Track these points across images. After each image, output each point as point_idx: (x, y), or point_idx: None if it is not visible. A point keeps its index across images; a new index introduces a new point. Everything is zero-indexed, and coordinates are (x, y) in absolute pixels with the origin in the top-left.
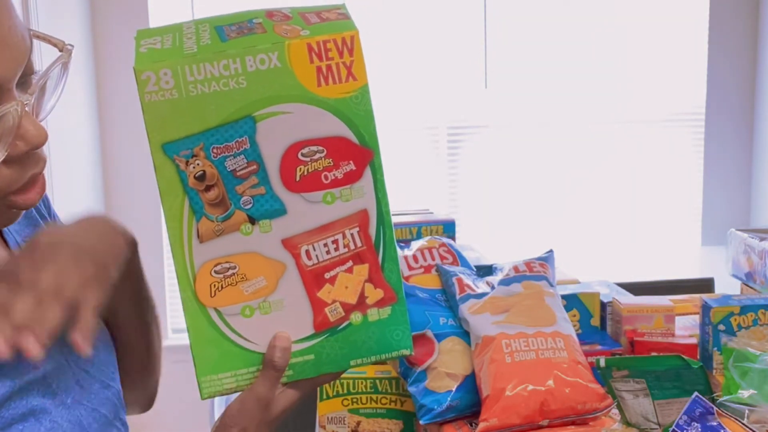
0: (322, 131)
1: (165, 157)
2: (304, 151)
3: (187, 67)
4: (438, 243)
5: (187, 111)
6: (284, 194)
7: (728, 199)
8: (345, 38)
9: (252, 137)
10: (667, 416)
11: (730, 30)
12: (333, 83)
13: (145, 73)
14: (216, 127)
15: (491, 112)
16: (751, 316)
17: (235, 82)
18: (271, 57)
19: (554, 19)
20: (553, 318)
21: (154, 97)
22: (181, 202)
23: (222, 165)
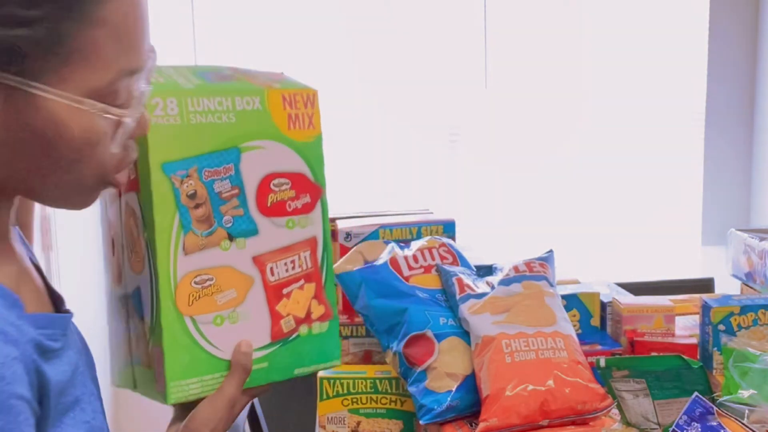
0: (288, 166)
1: (163, 174)
2: (275, 182)
3: (189, 99)
4: (438, 243)
5: (186, 136)
6: (258, 217)
7: (728, 199)
8: (309, 94)
9: (237, 165)
10: (667, 416)
11: (730, 30)
12: (299, 128)
13: (155, 99)
14: (209, 153)
15: (491, 112)
16: (751, 316)
17: (227, 117)
18: (255, 100)
19: (554, 19)
20: (553, 318)
21: (160, 120)
22: (172, 217)
23: (211, 186)
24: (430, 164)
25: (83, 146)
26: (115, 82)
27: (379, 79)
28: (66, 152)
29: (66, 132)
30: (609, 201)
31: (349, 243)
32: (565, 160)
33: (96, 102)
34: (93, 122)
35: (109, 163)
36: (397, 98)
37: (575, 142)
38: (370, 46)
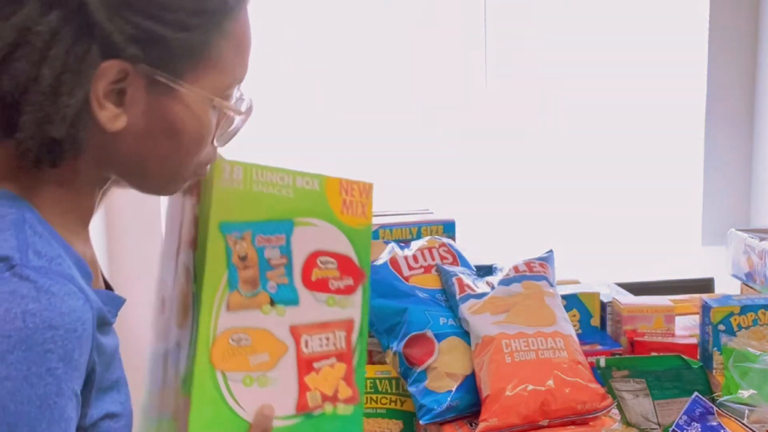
0: (336, 247)
1: (219, 233)
2: (321, 259)
3: (255, 170)
4: (438, 243)
5: (246, 202)
6: (301, 288)
7: (728, 199)
8: (366, 186)
9: (288, 236)
10: (667, 416)
11: (730, 30)
12: (351, 214)
13: (224, 164)
14: (265, 220)
15: (491, 112)
16: (751, 316)
17: (286, 191)
18: (314, 182)
19: (554, 19)
20: (553, 318)
21: (226, 184)
22: (222, 273)
23: (261, 252)
24: (430, 164)
25: (200, 138)
26: (230, 87)
27: (380, 79)
28: (186, 142)
29: (191, 124)
30: (609, 201)
31: None
32: (565, 160)
33: (223, 100)
34: (210, 118)
35: (205, 156)
36: (397, 98)
37: (575, 142)
38: (371, 46)
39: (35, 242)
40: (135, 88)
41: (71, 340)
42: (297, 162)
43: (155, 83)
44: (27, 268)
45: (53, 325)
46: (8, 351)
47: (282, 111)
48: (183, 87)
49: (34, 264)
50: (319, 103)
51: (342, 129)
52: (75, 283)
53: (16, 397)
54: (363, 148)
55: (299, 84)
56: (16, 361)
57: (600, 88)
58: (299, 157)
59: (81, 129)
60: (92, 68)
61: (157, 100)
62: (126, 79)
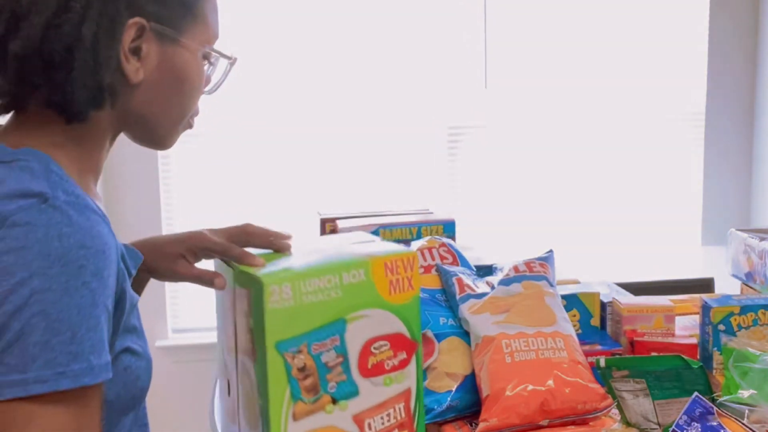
0: (388, 329)
1: (277, 353)
2: (376, 345)
3: (302, 282)
4: (438, 243)
5: (298, 316)
6: (359, 379)
7: (728, 199)
8: (409, 258)
9: (342, 335)
10: (667, 416)
11: (730, 30)
12: (399, 292)
13: (272, 286)
14: (318, 328)
15: (491, 112)
16: (751, 316)
17: (335, 293)
18: (360, 272)
19: (554, 19)
20: (553, 318)
21: (276, 305)
22: (284, 389)
23: (318, 358)
24: (430, 164)
25: (198, 85)
26: (214, 40)
27: (380, 79)
28: (188, 90)
29: (192, 73)
30: (609, 201)
31: None
32: (565, 160)
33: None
34: (203, 69)
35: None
36: (397, 98)
37: (575, 142)
38: (371, 46)
39: (63, 184)
40: (149, 44)
41: (101, 259)
42: (300, 163)
43: (163, 39)
44: (59, 201)
45: (85, 245)
46: (48, 266)
47: (282, 111)
48: (183, 40)
49: (64, 199)
50: (318, 102)
51: (342, 129)
52: (99, 215)
53: (58, 305)
54: (363, 148)
55: (300, 85)
56: (55, 275)
57: (601, 89)
58: (301, 158)
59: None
60: (121, 25)
61: (165, 53)
62: (143, 36)
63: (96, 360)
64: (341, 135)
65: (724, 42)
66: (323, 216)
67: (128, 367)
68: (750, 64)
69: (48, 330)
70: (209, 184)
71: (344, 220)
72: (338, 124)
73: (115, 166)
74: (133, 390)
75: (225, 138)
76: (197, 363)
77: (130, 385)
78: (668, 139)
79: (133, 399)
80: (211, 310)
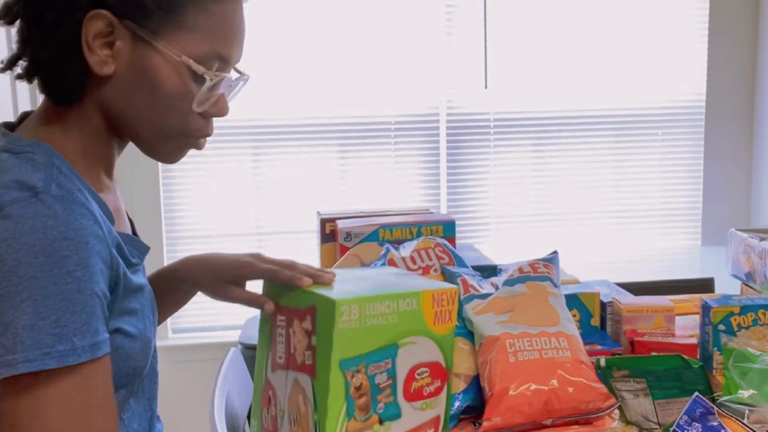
0: (430, 357)
1: (339, 370)
2: (419, 371)
3: (368, 305)
4: (433, 243)
5: (361, 337)
6: (402, 402)
7: (728, 199)
8: (452, 293)
9: (394, 359)
10: (668, 416)
11: (730, 30)
12: (441, 323)
13: (344, 306)
14: (375, 350)
15: (491, 112)
16: (751, 316)
17: (392, 318)
18: (413, 301)
19: (554, 19)
20: (557, 318)
21: (345, 325)
22: (342, 406)
23: (373, 379)
24: (430, 164)
25: (175, 95)
26: (207, 57)
27: (379, 79)
28: (163, 96)
29: (166, 80)
30: (609, 201)
31: (349, 243)
32: (564, 160)
33: (189, 59)
34: (185, 78)
35: (191, 122)
36: (397, 98)
37: (575, 142)
38: (371, 46)
39: (59, 178)
40: (123, 41)
41: (84, 249)
42: (299, 162)
43: (139, 39)
44: (48, 195)
45: (68, 237)
46: (34, 256)
47: (281, 111)
48: (159, 44)
49: (55, 193)
50: (318, 102)
51: (341, 128)
52: (87, 208)
53: (43, 291)
54: (363, 148)
55: (299, 84)
56: (40, 264)
57: (601, 89)
58: (304, 158)
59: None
60: (81, 12)
61: (139, 53)
62: (114, 32)
63: (80, 341)
64: (341, 134)
65: (724, 42)
66: (323, 216)
67: (120, 347)
68: (750, 64)
69: (35, 314)
70: (209, 183)
71: (344, 220)
72: (337, 123)
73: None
74: (126, 368)
75: (225, 137)
76: (197, 363)
77: (122, 363)
78: (668, 139)
79: (126, 376)
80: (211, 311)
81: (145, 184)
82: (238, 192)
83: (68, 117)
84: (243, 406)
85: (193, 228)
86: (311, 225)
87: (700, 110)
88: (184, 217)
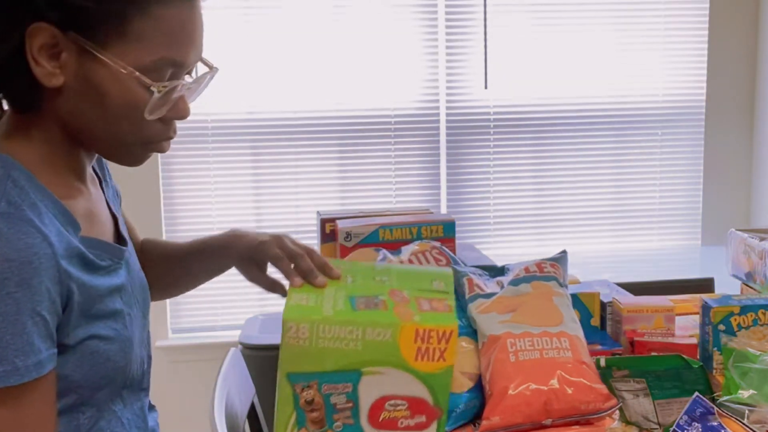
0: (408, 392)
1: (287, 382)
2: (391, 402)
3: (321, 326)
4: (429, 246)
5: (312, 356)
6: (367, 427)
7: (728, 199)
8: (446, 331)
9: (355, 385)
10: (668, 416)
11: (730, 30)
12: (427, 360)
13: (289, 323)
14: (331, 371)
15: (491, 112)
16: (751, 316)
17: (354, 345)
18: (386, 332)
19: (553, 19)
20: (560, 318)
21: (292, 341)
22: (290, 415)
23: (327, 398)
24: (429, 164)
25: (125, 105)
26: (158, 65)
27: (379, 78)
28: (113, 107)
29: (114, 90)
30: (609, 201)
31: (348, 243)
32: (564, 160)
33: (135, 71)
34: (134, 89)
35: (147, 129)
36: (397, 98)
37: (575, 142)
38: (371, 45)
39: (11, 194)
40: (68, 53)
41: (27, 269)
42: (300, 161)
43: (84, 51)
44: None
45: (9, 258)
46: None
47: (284, 113)
48: (104, 56)
49: (2, 210)
50: (318, 102)
51: (341, 128)
52: (34, 225)
53: None
54: (363, 148)
55: (303, 85)
56: None
57: (601, 89)
58: (304, 158)
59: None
60: (21, 26)
61: (85, 65)
62: (59, 44)
63: (22, 362)
64: (341, 134)
65: (724, 42)
66: (323, 216)
67: (95, 352)
68: (750, 64)
69: None
70: (209, 182)
71: (344, 220)
72: (338, 122)
73: (116, 165)
74: (104, 370)
75: (225, 136)
76: (197, 363)
77: (100, 366)
78: (668, 139)
79: (105, 377)
80: (211, 311)
81: (145, 183)
82: (237, 191)
83: (31, 125)
84: (243, 406)
85: (193, 227)
86: (311, 225)
87: (700, 110)
88: (185, 217)
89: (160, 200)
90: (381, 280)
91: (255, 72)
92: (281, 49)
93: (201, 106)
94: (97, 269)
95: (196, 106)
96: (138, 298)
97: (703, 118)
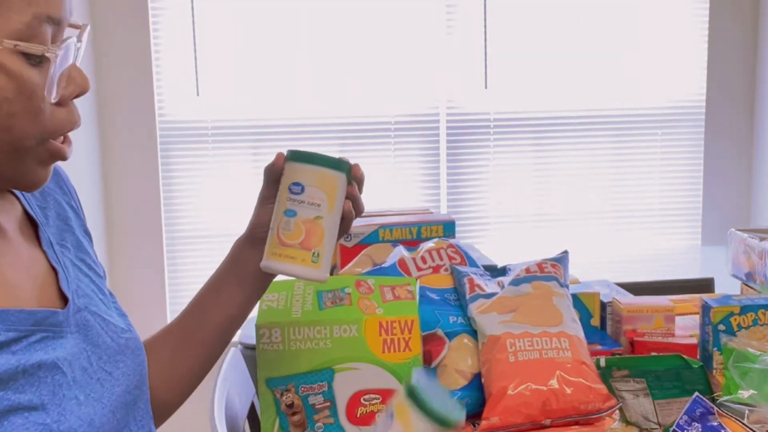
0: (380, 384)
1: (267, 388)
2: (366, 397)
3: (292, 329)
4: (446, 244)
5: (287, 359)
6: (347, 425)
7: (728, 199)
8: (407, 321)
9: (330, 383)
10: (668, 416)
11: (731, 30)
12: (394, 351)
13: (262, 329)
14: (306, 372)
15: (491, 112)
16: (751, 316)
17: (324, 343)
18: (352, 328)
19: (553, 19)
20: (560, 318)
21: (266, 347)
22: (274, 420)
23: (306, 400)
24: (430, 164)
25: (16, 96)
26: (34, 27)
27: (380, 79)
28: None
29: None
30: (609, 200)
31: (348, 243)
32: (564, 160)
33: (12, 40)
34: (17, 68)
35: (49, 120)
36: (397, 98)
37: (575, 142)
38: (371, 45)
39: None
40: None
41: None
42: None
43: None
44: None
45: None
46: None
47: (284, 113)
48: None
49: None
50: (318, 102)
51: (341, 128)
52: None
53: None
54: (363, 148)
55: (303, 86)
56: None
57: (601, 89)
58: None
59: None
60: None
61: None
62: None
63: None
64: (341, 134)
65: (724, 42)
66: None
67: None
68: (750, 64)
69: None
70: (209, 183)
71: None
72: (337, 122)
73: (116, 165)
74: None
75: (225, 137)
76: None
77: None
78: (668, 138)
79: None
80: None
81: (145, 184)
82: (238, 192)
83: None
84: (243, 406)
85: (193, 228)
86: None
87: (700, 110)
88: (184, 217)
89: (160, 202)
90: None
91: (256, 75)
92: (281, 52)
93: (202, 108)
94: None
95: (197, 108)
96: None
97: (703, 118)
